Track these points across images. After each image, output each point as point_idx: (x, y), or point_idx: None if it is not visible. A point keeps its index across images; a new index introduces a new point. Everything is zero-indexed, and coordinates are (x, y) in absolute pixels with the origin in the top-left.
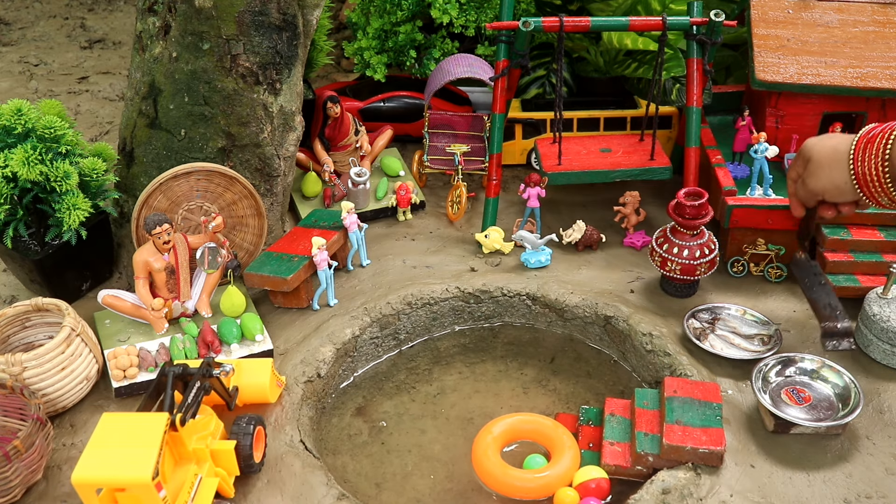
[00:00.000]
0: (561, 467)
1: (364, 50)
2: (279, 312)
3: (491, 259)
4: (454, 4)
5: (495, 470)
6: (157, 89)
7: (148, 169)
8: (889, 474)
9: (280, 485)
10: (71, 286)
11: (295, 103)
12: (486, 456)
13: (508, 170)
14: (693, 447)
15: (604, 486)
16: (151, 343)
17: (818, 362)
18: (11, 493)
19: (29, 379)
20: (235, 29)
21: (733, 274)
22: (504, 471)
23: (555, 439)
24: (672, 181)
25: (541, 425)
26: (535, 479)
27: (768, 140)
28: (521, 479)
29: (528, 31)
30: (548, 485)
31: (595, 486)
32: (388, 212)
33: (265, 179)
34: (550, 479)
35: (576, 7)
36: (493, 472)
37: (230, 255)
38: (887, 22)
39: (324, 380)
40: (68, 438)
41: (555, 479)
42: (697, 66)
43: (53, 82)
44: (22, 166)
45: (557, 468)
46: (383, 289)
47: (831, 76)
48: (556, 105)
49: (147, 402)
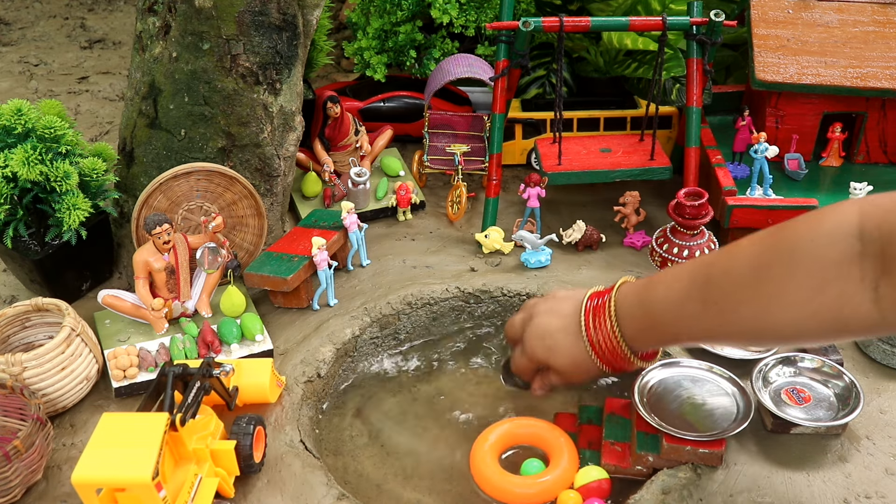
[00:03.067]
0: (561, 470)
1: (364, 50)
2: (279, 312)
3: (491, 259)
4: (454, 4)
5: (494, 478)
6: (157, 89)
7: (148, 169)
8: (888, 474)
9: (280, 485)
10: (71, 286)
11: (295, 103)
12: (485, 464)
13: (508, 170)
14: (693, 447)
15: (605, 486)
16: (151, 343)
17: (818, 362)
18: (11, 493)
19: (29, 379)
20: (235, 29)
21: None
22: (504, 478)
23: (552, 442)
24: (672, 181)
25: (536, 428)
26: (536, 483)
27: (768, 140)
28: (522, 485)
29: (528, 31)
30: (549, 489)
31: (597, 487)
32: (388, 212)
33: (265, 179)
34: (551, 484)
35: (576, 7)
36: (492, 480)
37: (230, 255)
38: (887, 22)
39: (324, 380)
40: (68, 438)
41: (556, 483)
42: (697, 66)
43: (53, 82)
44: (22, 166)
45: (557, 471)
46: (383, 289)
47: (831, 76)
48: (556, 105)
49: (147, 402)
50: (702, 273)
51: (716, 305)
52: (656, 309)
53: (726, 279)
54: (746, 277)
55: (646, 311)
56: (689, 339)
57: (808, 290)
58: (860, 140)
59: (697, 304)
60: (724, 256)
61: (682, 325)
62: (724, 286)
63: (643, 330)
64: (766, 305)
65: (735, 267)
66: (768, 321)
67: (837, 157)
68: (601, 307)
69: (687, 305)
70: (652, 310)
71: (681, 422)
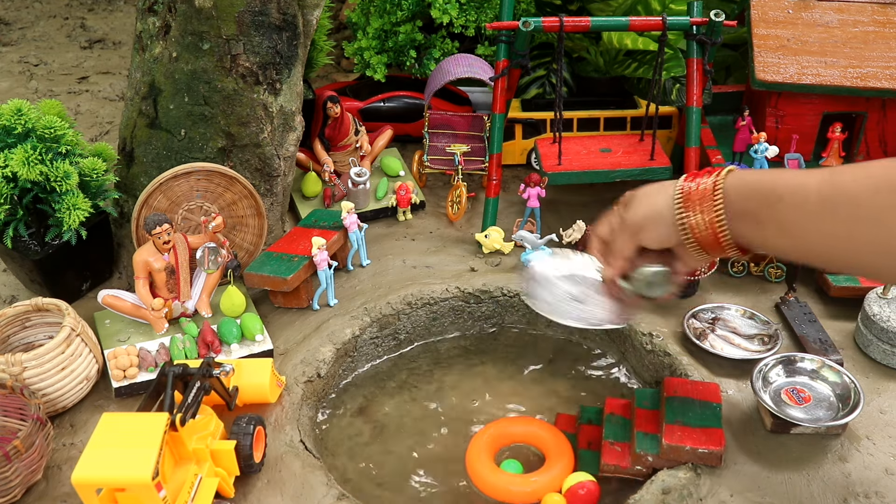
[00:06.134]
0: (552, 473)
1: (364, 50)
2: (279, 312)
3: (491, 259)
4: (454, 4)
5: (486, 474)
6: (157, 89)
7: (148, 169)
8: (888, 474)
9: (280, 485)
10: (71, 286)
11: (295, 103)
12: (480, 460)
13: (508, 170)
14: (693, 447)
15: (592, 489)
16: (151, 343)
17: (818, 362)
18: (11, 493)
19: (29, 379)
20: (235, 29)
21: (733, 274)
22: (495, 475)
23: (549, 442)
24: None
25: (535, 427)
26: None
27: (768, 140)
28: (512, 483)
29: (528, 31)
30: (536, 490)
31: (584, 492)
32: (388, 212)
33: (265, 179)
34: (539, 484)
35: (576, 7)
36: (483, 475)
37: (230, 255)
38: (887, 22)
39: (324, 380)
40: (68, 438)
41: (544, 484)
42: (697, 66)
43: (53, 82)
44: (22, 166)
45: (548, 473)
46: (383, 289)
47: (831, 76)
48: (556, 105)
49: (147, 402)
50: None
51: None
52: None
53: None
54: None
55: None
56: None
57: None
58: (860, 140)
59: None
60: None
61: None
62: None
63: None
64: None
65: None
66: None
67: (837, 157)
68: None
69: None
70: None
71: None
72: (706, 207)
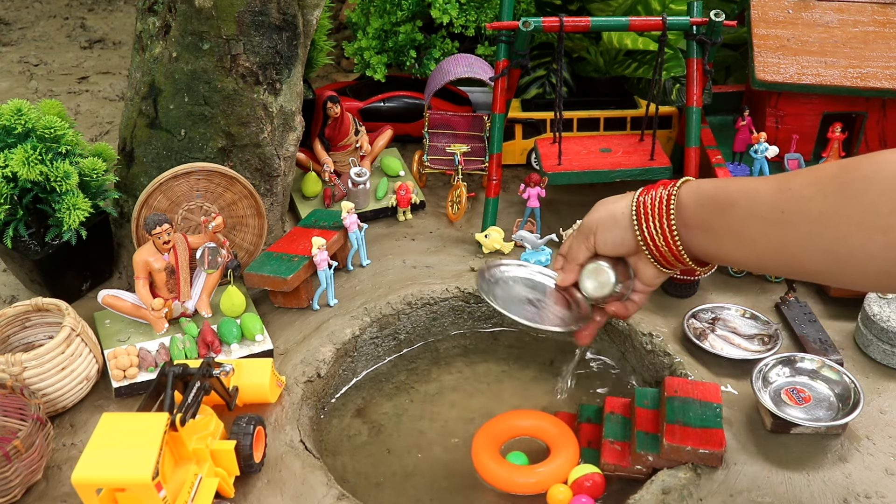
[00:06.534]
0: (558, 464)
1: (364, 50)
2: (279, 312)
3: (491, 259)
4: (454, 4)
5: (491, 464)
6: (157, 89)
7: (148, 169)
8: (888, 474)
9: (280, 485)
10: (71, 286)
11: (295, 103)
12: (485, 450)
13: (508, 170)
14: (693, 448)
15: (598, 481)
16: (151, 343)
17: (818, 362)
18: (11, 493)
19: (29, 379)
20: (235, 29)
21: (733, 274)
22: (500, 465)
23: (555, 435)
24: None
25: (542, 421)
26: (531, 474)
27: (768, 140)
28: (517, 473)
29: (528, 31)
30: (542, 481)
31: (590, 484)
32: (388, 212)
33: (265, 179)
34: (545, 475)
35: (576, 7)
36: (488, 466)
37: (230, 255)
38: (887, 22)
39: (324, 380)
40: (68, 438)
41: (550, 476)
42: (697, 66)
43: (53, 82)
44: (22, 166)
45: (554, 464)
46: (383, 289)
47: (831, 76)
48: (556, 105)
49: (147, 402)
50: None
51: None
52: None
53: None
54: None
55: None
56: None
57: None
58: (860, 140)
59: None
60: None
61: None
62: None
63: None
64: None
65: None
66: (842, 252)
67: (837, 157)
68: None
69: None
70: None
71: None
72: (660, 216)
